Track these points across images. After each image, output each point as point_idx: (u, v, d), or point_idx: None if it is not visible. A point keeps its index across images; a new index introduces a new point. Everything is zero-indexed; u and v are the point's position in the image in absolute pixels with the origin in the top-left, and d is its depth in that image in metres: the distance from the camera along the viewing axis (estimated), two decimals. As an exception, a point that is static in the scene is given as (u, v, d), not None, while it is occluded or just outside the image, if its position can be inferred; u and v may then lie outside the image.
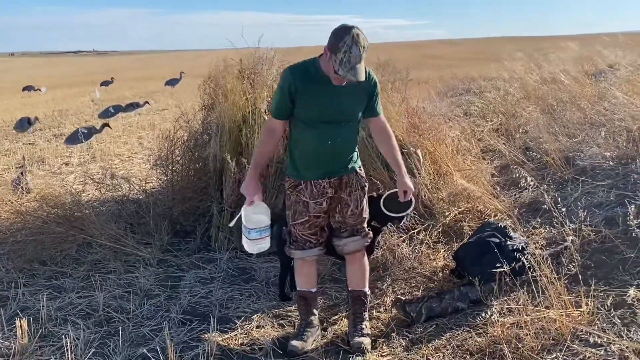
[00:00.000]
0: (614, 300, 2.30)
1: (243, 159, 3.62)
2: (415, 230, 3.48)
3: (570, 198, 3.59)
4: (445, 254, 3.36)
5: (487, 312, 2.52)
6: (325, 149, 2.44)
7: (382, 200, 2.71)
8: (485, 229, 3.12)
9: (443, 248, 3.43)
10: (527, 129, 5.42)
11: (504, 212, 3.65)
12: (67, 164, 6.93)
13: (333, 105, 2.39)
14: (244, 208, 2.50)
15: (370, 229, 2.68)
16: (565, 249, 2.83)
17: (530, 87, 7.05)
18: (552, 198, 2.85)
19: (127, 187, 4.39)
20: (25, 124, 9.09)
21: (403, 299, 2.80)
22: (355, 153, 2.58)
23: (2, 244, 3.83)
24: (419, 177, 3.71)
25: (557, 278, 2.44)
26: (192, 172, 4.20)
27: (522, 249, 2.71)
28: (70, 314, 2.93)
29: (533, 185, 3.27)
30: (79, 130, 7.46)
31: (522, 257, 2.60)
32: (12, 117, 11.21)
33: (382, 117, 2.58)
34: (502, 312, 2.55)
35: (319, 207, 2.52)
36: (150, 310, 2.97)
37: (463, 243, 3.27)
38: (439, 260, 3.29)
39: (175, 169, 4.19)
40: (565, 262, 2.67)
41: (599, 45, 8.77)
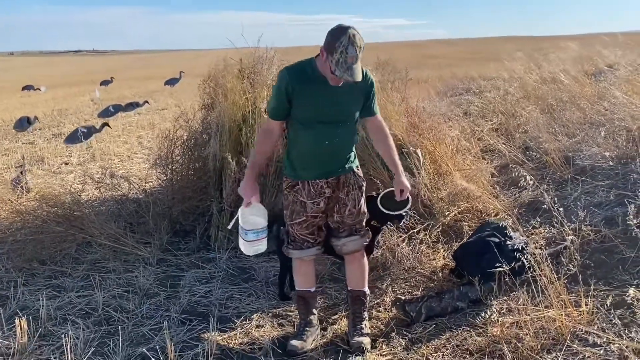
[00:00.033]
0: (614, 300, 2.30)
1: (243, 159, 3.61)
2: (415, 230, 3.48)
3: (570, 198, 3.60)
4: (445, 254, 3.36)
5: (486, 311, 2.53)
6: (323, 149, 2.44)
7: (379, 199, 2.72)
8: (485, 229, 3.12)
9: (443, 248, 3.43)
10: (526, 129, 5.42)
11: (504, 211, 3.65)
12: (66, 164, 6.92)
13: (330, 106, 2.39)
14: (241, 209, 2.50)
15: (370, 229, 2.68)
16: (565, 249, 2.83)
17: (530, 86, 7.05)
18: (551, 198, 2.85)
19: (126, 186, 4.38)
20: (25, 124, 9.09)
21: (403, 299, 2.80)
22: (353, 153, 2.58)
23: (1, 244, 3.83)
24: (419, 176, 3.71)
25: (556, 278, 2.44)
26: (191, 171, 4.20)
27: (521, 249, 2.71)
28: (70, 314, 2.93)
29: (533, 185, 3.27)
30: (79, 130, 7.46)
31: (521, 256, 2.60)
32: (11, 116, 11.21)
33: (378, 116, 2.58)
34: (501, 311, 2.55)
35: (317, 207, 2.52)
36: (150, 310, 2.97)
37: (463, 243, 3.27)
38: (439, 260, 3.29)
39: (175, 169, 4.19)
40: (565, 261, 2.67)
41: (599, 45, 8.77)
